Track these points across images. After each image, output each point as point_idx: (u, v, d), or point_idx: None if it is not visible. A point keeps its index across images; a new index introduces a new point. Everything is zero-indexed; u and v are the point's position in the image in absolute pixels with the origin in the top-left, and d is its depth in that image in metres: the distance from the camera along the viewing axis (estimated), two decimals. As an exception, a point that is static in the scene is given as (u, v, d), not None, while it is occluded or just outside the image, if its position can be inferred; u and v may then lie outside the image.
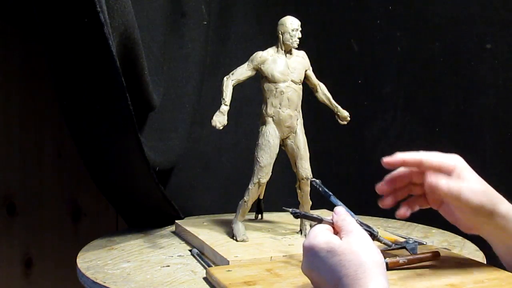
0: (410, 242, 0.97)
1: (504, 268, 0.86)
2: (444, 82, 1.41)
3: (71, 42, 0.93)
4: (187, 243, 1.10)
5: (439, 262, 0.89)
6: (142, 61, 1.07)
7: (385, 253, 0.93)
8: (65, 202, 1.43)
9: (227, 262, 0.92)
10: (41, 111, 1.39)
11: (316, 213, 1.18)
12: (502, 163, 1.36)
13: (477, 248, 1.07)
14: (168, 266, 0.96)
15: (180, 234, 1.15)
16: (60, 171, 1.42)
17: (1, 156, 1.36)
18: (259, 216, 1.22)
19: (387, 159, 0.85)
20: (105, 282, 0.89)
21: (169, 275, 0.91)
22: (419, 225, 1.24)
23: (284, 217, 1.23)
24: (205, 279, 0.89)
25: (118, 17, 0.95)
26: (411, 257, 0.88)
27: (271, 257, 0.95)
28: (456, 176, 0.80)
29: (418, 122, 1.43)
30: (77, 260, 1.00)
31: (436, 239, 1.13)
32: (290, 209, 0.83)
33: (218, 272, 0.86)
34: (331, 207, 1.32)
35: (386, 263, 0.85)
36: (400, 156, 0.85)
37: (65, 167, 1.42)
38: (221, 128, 1.01)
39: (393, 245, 0.98)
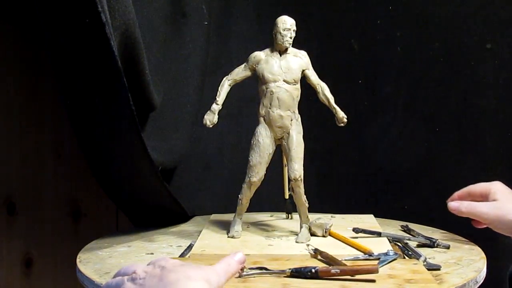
0: (390, 253, 0.94)
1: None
2: (444, 82, 1.41)
3: (73, 43, 0.93)
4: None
5: (387, 277, 0.84)
6: (143, 60, 1.07)
7: (336, 261, 0.90)
8: (65, 202, 1.43)
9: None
10: (41, 111, 1.38)
11: (317, 216, 1.17)
12: (502, 163, 1.36)
13: (478, 250, 1.06)
14: (152, 254, 1.01)
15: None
16: (60, 171, 1.42)
17: (1, 156, 1.36)
18: (289, 216, 1.24)
19: (452, 204, 1.07)
20: (86, 271, 0.91)
21: (138, 261, 0.95)
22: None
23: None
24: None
25: (119, 17, 0.95)
26: (344, 268, 0.85)
27: None
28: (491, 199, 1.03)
29: (418, 122, 1.43)
30: (77, 260, 1.00)
31: (450, 254, 1.06)
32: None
33: None
34: (331, 208, 1.32)
35: (316, 271, 0.84)
36: (455, 193, 1.09)
37: (65, 167, 1.42)
38: (210, 126, 1.04)
39: (367, 255, 0.95)
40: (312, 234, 1.07)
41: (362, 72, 1.46)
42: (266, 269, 0.87)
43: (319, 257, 0.94)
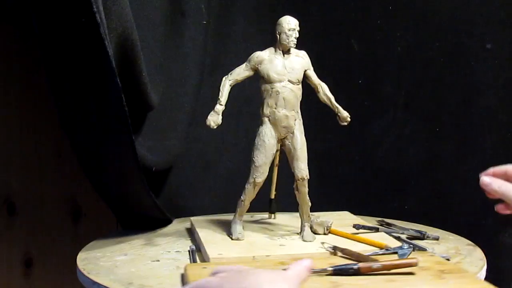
0: (405, 247, 0.96)
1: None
2: (444, 82, 1.41)
3: (67, 42, 0.93)
4: (193, 240, 1.11)
5: (420, 270, 0.86)
6: (140, 62, 1.07)
7: (364, 257, 0.92)
8: (65, 202, 1.43)
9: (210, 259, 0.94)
10: (41, 111, 1.39)
11: (316, 214, 1.17)
12: (502, 163, 1.36)
13: (465, 239, 1.06)
14: (158, 260, 0.98)
15: (193, 231, 1.15)
16: (60, 171, 1.42)
17: (1, 156, 1.36)
18: (272, 216, 1.23)
19: (485, 179, 0.91)
20: (105, 282, 0.89)
21: (151, 270, 0.93)
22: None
23: (290, 218, 1.21)
24: (183, 275, 0.89)
25: (116, 19, 0.95)
26: (386, 263, 0.86)
27: (253, 256, 0.95)
28: None
29: (418, 122, 1.43)
30: (77, 260, 1.00)
31: (444, 245, 1.09)
32: None
33: (192, 269, 0.87)
34: (331, 208, 1.32)
35: (358, 268, 0.84)
36: (491, 169, 0.92)
37: (65, 167, 1.42)
38: (215, 127, 1.02)
39: (384, 250, 0.96)
40: (313, 232, 1.07)
41: (362, 72, 1.46)
42: None
43: (339, 254, 0.95)
